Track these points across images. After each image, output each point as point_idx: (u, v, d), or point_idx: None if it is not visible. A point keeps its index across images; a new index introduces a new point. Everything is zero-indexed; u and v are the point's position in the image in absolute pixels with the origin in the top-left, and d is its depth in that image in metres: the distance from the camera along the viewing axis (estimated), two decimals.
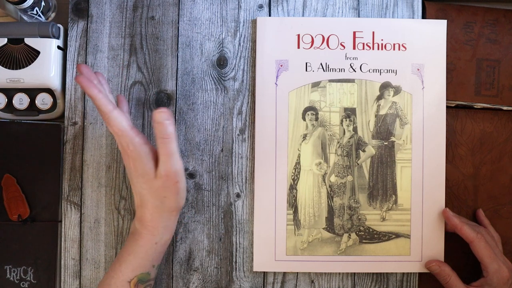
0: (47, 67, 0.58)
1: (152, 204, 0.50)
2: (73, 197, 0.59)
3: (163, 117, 0.48)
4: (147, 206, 0.50)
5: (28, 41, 0.58)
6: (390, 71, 0.59)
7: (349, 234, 0.59)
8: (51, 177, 0.59)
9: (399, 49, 0.59)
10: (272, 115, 0.59)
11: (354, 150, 0.59)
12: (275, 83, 0.59)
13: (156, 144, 0.49)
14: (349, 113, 0.59)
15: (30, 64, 0.58)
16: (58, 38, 0.59)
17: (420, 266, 0.58)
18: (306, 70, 0.59)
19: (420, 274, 0.59)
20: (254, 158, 0.59)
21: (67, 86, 0.60)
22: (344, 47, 0.59)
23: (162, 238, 0.52)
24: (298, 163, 0.59)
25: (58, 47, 0.59)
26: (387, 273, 0.59)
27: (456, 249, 0.58)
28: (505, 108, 0.60)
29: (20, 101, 0.59)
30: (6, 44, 0.58)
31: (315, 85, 0.59)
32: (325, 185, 0.59)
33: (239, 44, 0.60)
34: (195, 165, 0.59)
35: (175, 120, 0.60)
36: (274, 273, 0.59)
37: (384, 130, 0.59)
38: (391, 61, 0.59)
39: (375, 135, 0.59)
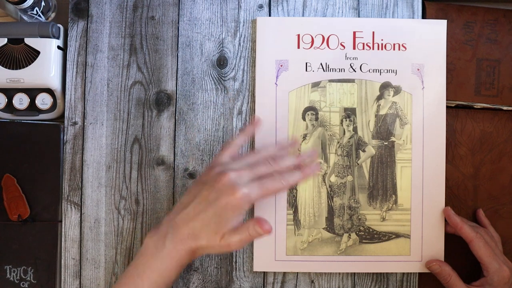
0: (47, 67, 0.58)
1: (199, 243, 0.48)
2: (73, 197, 0.59)
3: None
4: (200, 239, 0.48)
5: (28, 41, 0.58)
6: (390, 71, 0.59)
7: (349, 234, 0.58)
8: (51, 177, 0.59)
9: (399, 49, 0.59)
10: (272, 115, 0.59)
11: (354, 150, 0.59)
12: (275, 83, 0.59)
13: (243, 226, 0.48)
14: (349, 113, 0.59)
15: (30, 64, 0.58)
16: (58, 38, 0.59)
17: (420, 266, 0.58)
18: (306, 70, 0.59)
19: (420, 274, 0.59)
20: None
21: (67, 86, 0.60)
22: (344, 47, 0.59)
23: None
24: None
25: (58, 47, 0.59)
26: (387, 273, 0.59)
27: (456, 249, 0.58)
28: (505, 108, 0.60)
29: (20, 101, 0.59)
30: (6, 44, 0.58)
31: (315, 85, 0.59)
32: (325, 185, 0.59)
33: (239, 44, 0.60)
34: (195, 165, 0.59)
35: (175, 120, 0.60)
36: (274, 273, 0.59)
37: (384, 130, 0.59)
38: (391, 61, 0.59)
39: (375, 135, 0.59)
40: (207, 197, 0.47)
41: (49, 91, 0.59)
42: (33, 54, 0.58)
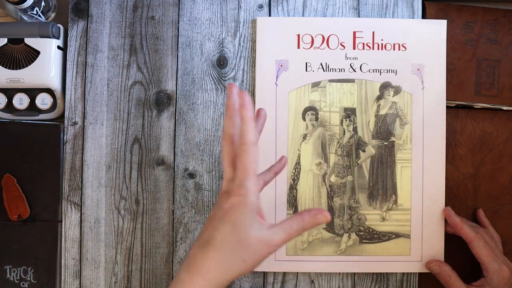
0: (47, 67, 0.58)
1: (225, 261, 0.40)
2: (73, 197, 0.59)
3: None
4: (218, 256, 0.40)
5: (28, 41, 0.58)
6: (390, 71, 0.59)
7: (349, 234, 0.59)
8: (51, 177, 0.59)
9: (399, 49, 0.59)
10: (272, 115, 0.59)
11: (354, 150, 0.59)
12: (275, 83, 0.59)
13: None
14: (349, 113, 0.59)
15: (30, 64, 0.58)
16: (58, 38, 0.59)
17: (420, 266, 0.58)
18: (306, 70, 0.59)
19: (420, 274, 0.59)
20: None
21: (67, 86, 0.60)
22: (344, 47, 0.59)
23: None
24: (298, 163, 0.59)
25: (58, 47, 0.59)
26: (387, 273, 0.59)
27: (456, 249, 0.58)
28: (505, 108, 0.60)
29: (20, 101, 0.59)
30: (6, 44, 0.58)
31: (315, 85, 0.59)
32: (325, 185, 0.59)
33: (239, 44, 0.60)
34: (195, 165, 0.59)
35: (175, 120, 0.60)
36: (274, 273, 0.59)
37: (384, 130, 0.59)
38: (391, 61, 0.59)
39: (375, 135, 0.59)
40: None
41: (49, 91, 0.59)
42: (33, 54, 0.58)
